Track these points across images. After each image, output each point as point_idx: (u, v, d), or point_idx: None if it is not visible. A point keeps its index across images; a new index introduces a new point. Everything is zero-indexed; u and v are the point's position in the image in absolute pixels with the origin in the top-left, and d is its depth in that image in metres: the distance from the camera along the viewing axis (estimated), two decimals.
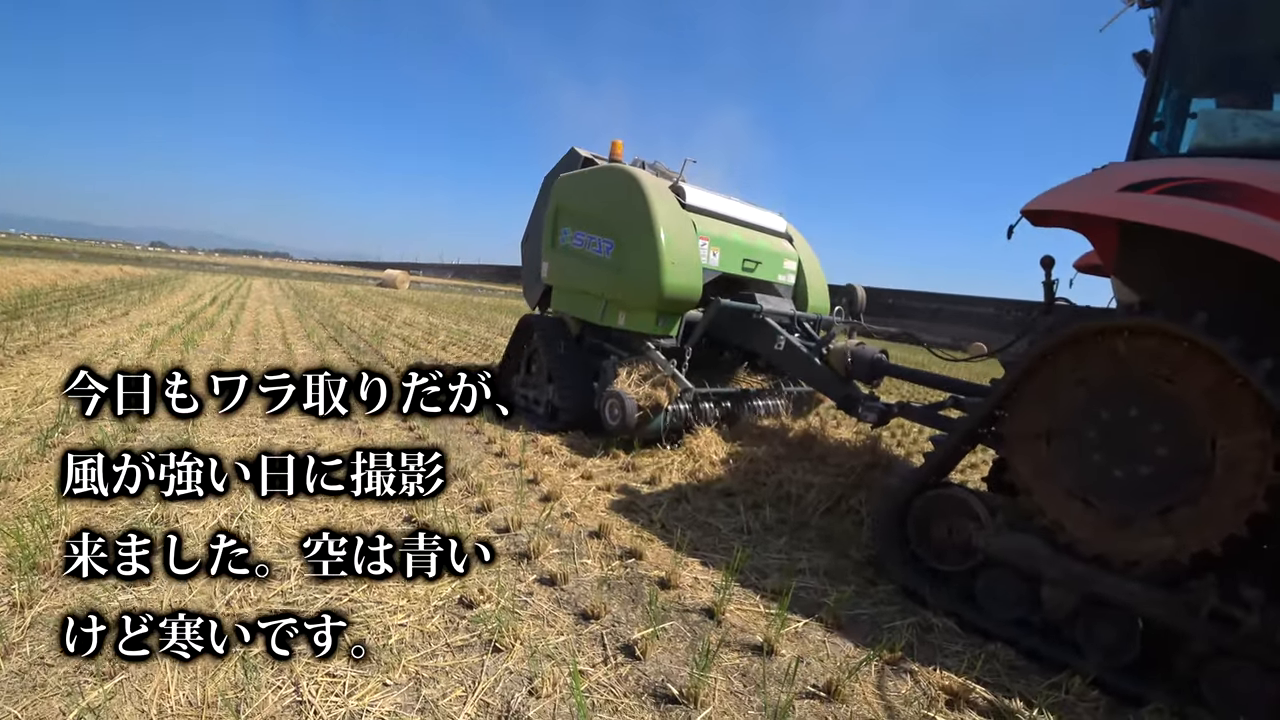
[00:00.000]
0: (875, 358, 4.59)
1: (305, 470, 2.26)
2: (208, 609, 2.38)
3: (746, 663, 2.41)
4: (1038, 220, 2.81)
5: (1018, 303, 28.08)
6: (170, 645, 1.97)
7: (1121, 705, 2.36)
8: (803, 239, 6.79)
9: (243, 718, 1.86)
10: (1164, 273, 2.59)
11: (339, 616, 2.14)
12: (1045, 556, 2.67)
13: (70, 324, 8.96)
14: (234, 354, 8.18)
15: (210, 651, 1.99)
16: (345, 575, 2.25)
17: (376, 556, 2.23)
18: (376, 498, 2.35)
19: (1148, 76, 2.88)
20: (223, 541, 2.18)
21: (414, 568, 2.29)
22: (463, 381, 2.49)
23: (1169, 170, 2.48)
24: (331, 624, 2.09)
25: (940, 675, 2.42)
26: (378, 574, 2.24)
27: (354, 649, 2.14)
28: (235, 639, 2.04)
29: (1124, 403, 2.47)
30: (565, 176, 6.23)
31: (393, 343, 11.11)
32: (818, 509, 4.08)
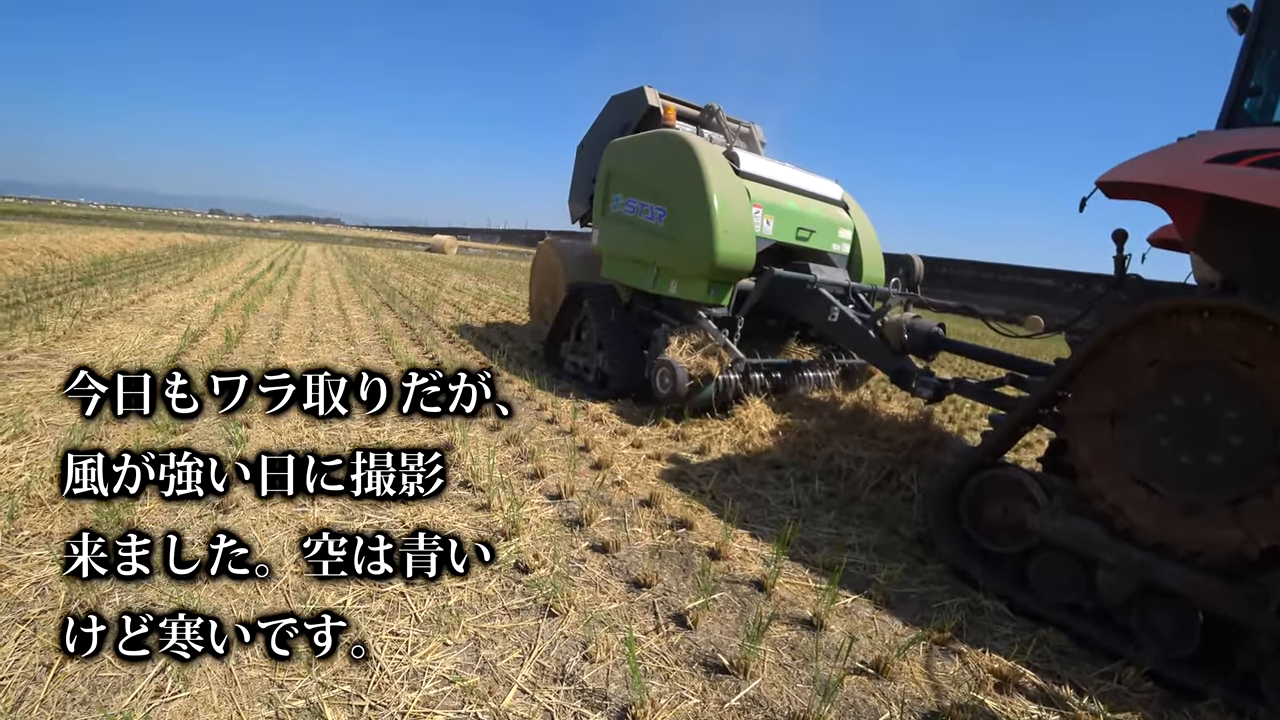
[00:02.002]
0: (932, 331, 4.49)
1: (305, 470, 2.22)
2: (277, 566, 2.52)
3: (796, 636, 2.45)
4: (1113, 192, 2.68)
5: (1081, 275, 26.85)
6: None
7: (1176, 699, 2.31)
8: (859, 207, 6.62)
9: (314, 671, 1.98)
10: (1251, 252, 2.45)
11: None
12: (1103, 542, 2.61)
13: (140, 290, 9.40)
14: (292, 319, 8.47)
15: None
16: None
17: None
18: (377, 498, 2.30)
19: (1245, 35, 2.68)
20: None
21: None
22: (463, 381, 2.43)
23: (1264, 140, 2.33)
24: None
25: (989, 658, 2.42)
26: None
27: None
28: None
29: (1197, 387, 2.38)
30: (617, 142, 6.19)
31: (443, 308, 11.32)
32: (868, 484, 4.05)
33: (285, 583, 2.43)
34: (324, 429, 4.12)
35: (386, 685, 1.96)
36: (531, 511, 3.25)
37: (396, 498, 2.31)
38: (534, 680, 2.06)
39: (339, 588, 2.42)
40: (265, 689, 1.90)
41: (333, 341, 7.19)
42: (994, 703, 2.18)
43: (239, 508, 2.95)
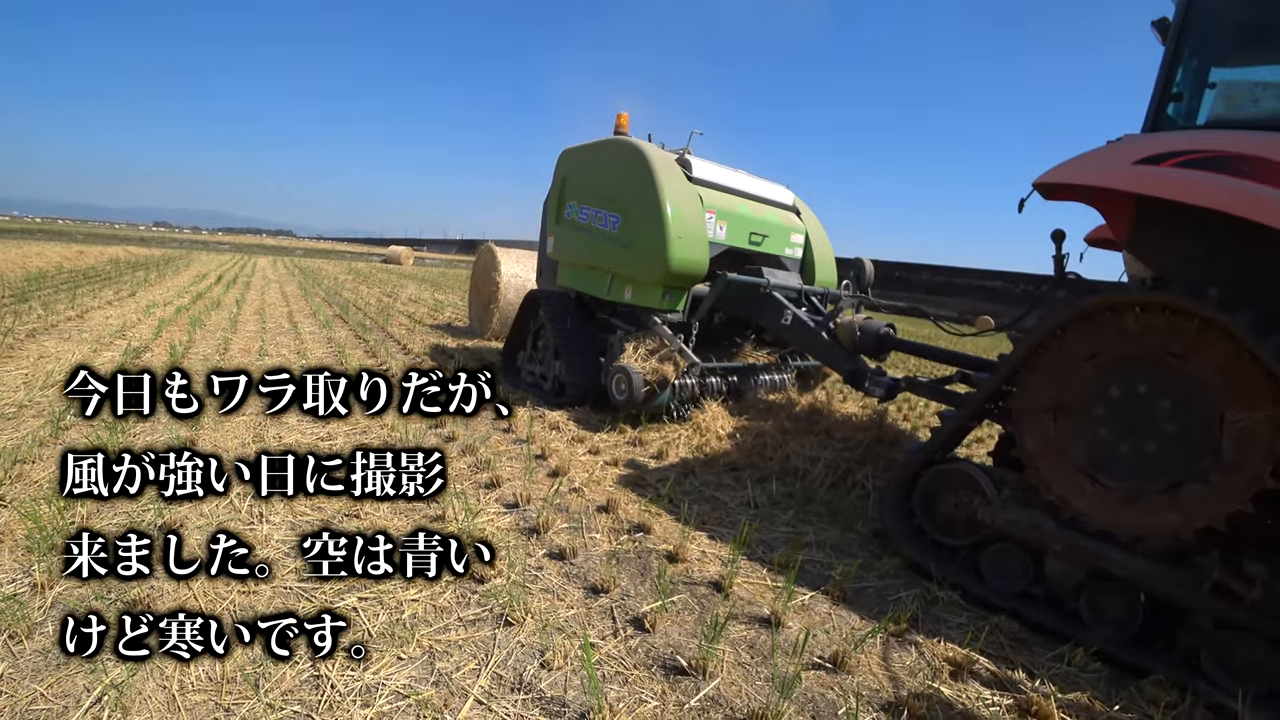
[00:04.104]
0: (883, 332, 4.58)
1: (305, 470, 2.25)
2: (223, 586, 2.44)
3: (754, 635, 2.45)
4: (1049, 194, 2.78)
5: (1028, 276, 27.80)
6: (170, 645, 1.96)
7: (1123, 677, 2.39)
8: (810, 212, 6.72)
9: (261, 693, 1.90)
10: (1178, 248, 2.56)
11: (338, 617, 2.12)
12: (1051, 531, 2.69)
13: (77, 306, 9.01)
14: (241, 334, 8.22)
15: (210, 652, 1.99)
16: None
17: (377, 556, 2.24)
18: (377, 498, 2.34)
19: (1167, 45, 2.81)
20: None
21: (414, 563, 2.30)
22: (463, 382, 2.47)
23: (1186, 143, 2.44)
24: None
25: (944, 647, 2.46)
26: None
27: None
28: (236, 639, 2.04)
29: (1134, 379, 2.46)
30: (570, 149, 6.17)
31: (398, 320, 11.12)
32: (824, 483, 4.11)
33: (231, 601, 2.34)
34: (271, 429, 4.01)
35: (338, 703, 1.90)
36: (488, 521, 3.20)
37: (398, 497, 2.35)
38: (491, 691, 2.02)
39: (289, 604, 2.35)
40: (211, 712, 1.82)
41: (283, 355, 7.00)
42: (949, 690, 2.22)
43: (183, 526, 2.83)
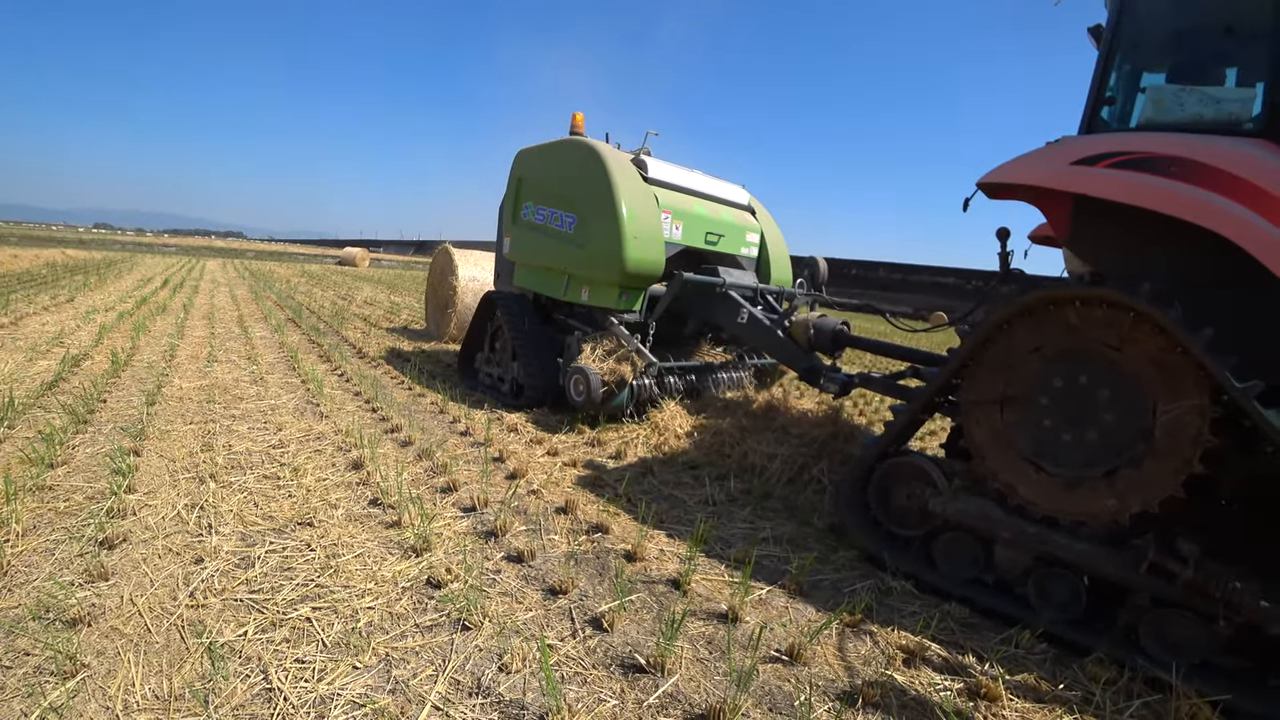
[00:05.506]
0: (837, 329, 4.65)
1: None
2: (170, 601, 2.36)
3: (712, 630, 2.47)
4: (993, 193, 2.86)
5: (980, 273, 28.64)
6: None
7: (1067, 656, 2.48)
8: (765, 211, 6.80)
9: (211, 709, 1.84)
10: (1113, 245, 2.67)
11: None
12: (999, 519, 2.77)
13: (10, 312, 8.61)
14: (188, 340, 7.95)
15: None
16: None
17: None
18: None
19: (1100, 51, 2.93)
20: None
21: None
22: None
23: (1118, 144, 2.55)
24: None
25: (898, 635, 2.52)
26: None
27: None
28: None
29: (1074, 370, 2.56)
30: (526, 150, 6.14)
31: (354, 323, 10.90)
32: (781, 479, 4.16)
33: (179, 616, 2.26)
34: (223, 454, 3.88)
35: (291, 715, 1.85)
36: (444, 525, 3.15)
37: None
38: (449, 696, 1.99)
39: (239, 617, 2.28)
40: None
41: (233, 361, 6.79)
42: (903, 677, 2.26)
43: (126, 541, 2.73)
